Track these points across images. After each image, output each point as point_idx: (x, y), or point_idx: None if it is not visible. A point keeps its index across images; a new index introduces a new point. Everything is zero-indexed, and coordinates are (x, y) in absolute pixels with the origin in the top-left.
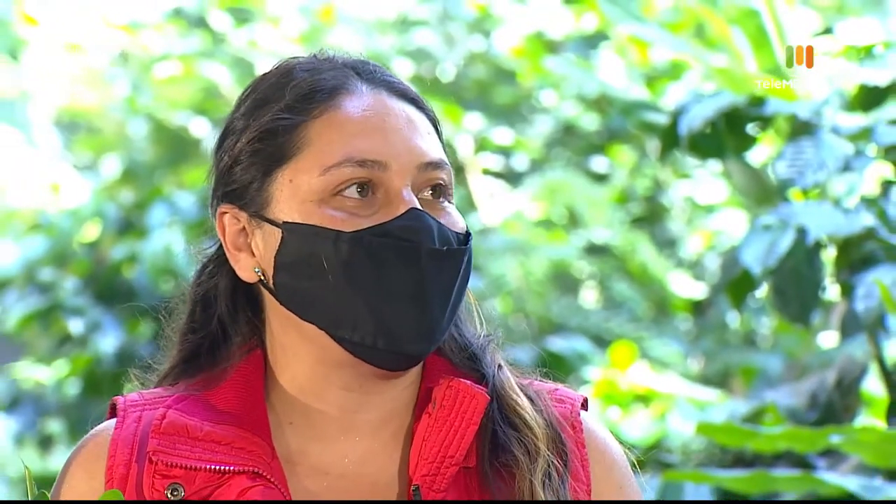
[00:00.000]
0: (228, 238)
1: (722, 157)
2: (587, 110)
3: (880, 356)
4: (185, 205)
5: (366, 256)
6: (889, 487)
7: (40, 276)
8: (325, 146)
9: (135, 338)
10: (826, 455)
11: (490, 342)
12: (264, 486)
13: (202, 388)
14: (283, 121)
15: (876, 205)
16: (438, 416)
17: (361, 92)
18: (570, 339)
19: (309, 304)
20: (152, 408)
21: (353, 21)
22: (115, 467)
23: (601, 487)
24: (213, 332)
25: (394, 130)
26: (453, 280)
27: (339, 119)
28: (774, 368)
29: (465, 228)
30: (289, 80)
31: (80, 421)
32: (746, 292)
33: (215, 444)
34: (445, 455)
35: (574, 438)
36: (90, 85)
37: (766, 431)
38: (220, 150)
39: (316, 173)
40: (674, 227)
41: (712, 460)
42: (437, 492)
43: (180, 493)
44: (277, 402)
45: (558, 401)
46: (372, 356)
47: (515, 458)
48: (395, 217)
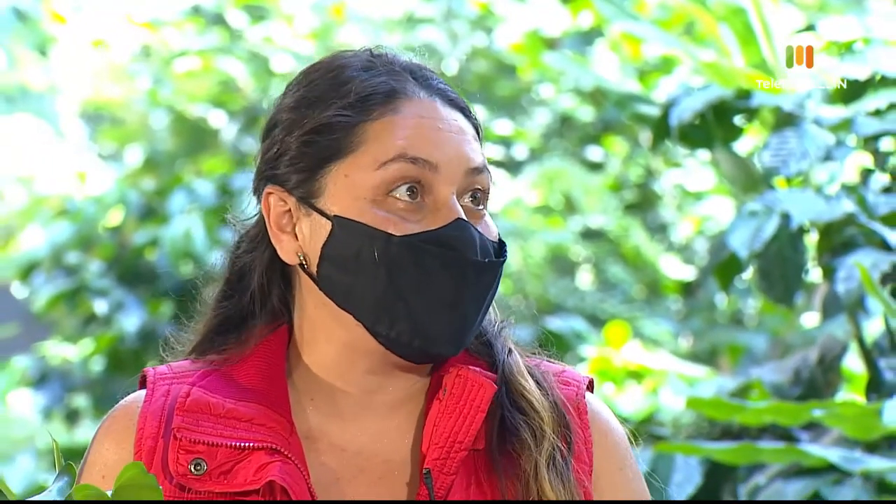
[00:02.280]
0: (273, 218)
1: (710, 147)
2: (583, 103)
3: (860, 335)
4: (204, 192)
5: (412, 260)
6: (868, 459)
7: (67, 259)
8: (381, 145)
9: (156, 318)
10: (809, 428)
11: (503, 328)
12: (282, 462)
13: (227, 363)
14: (342, 118)
15: (856, 192)
16: (448, 404)
17: (418, 98)
18: (567, 318)
19: (350, 297)
20: (180, 382)
21: (362, 19)
22: (144, 440)
23: (602, 468)
24: (245, 305)
25: (446, 136)
26: (489, 289)
27: (396, 122)
28: (760, 347)
29: (497, 236)
30: (345, 77)
31: (105, 395)
32: (733, 275)
33: (236, 421)
34: (455, 440)
35: (578, 420)
36: (114, 79)
37: (752, 406)
38: (268, 138)
39: (371, 169)
40: (665, 213)
41: (701, 433)
42: (447, 474)
43: (203, 468)
44: (300, 379)
45: (564, 383)
46: (404, 351)
47: (522, 440)
48: (443, 226)
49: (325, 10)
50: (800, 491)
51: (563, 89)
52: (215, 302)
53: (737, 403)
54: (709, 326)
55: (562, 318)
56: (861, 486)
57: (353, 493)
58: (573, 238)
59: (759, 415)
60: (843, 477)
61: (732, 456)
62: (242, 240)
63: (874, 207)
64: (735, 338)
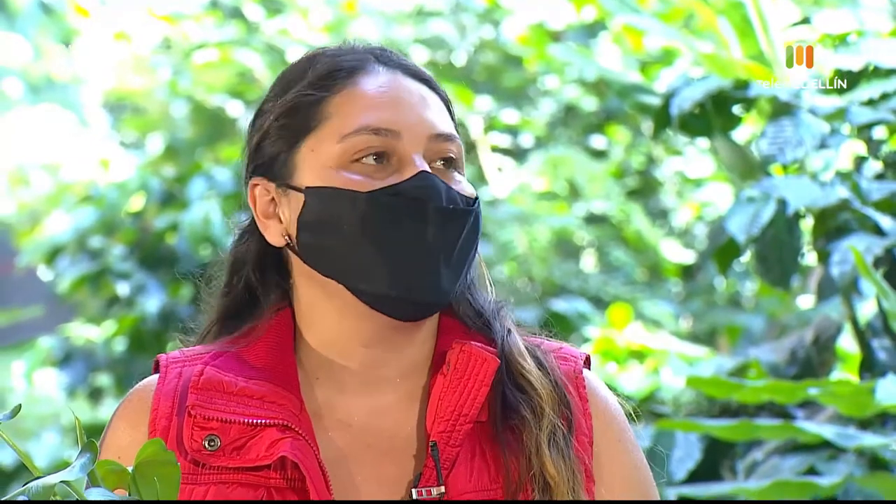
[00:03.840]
0: (259, 208)
1: (709, 136)
2: (587, 93)
3: (853, 316)
4: (222, 179)
5: (379, 214)
6: (861, 435)
7: (91, 243)
8: (343, 118)
9: (176, 300)
10: (804, 406)
11: (501, 307)
12: (293, 438)
13: (237, 345)
14: (306, 97)
15: (850, 179)
16: (452, 378)
17: (378, 72)
18: (571, 300)
19: (329, 260)
20: (192, 364)
21: (374, 12)
22: (158, 420)
23: (601, 440)
24: (248, 293)
25: (407, 104)
26: (458, 236)
27: (356, 94)
28: (757, 327)
29: (474, 194)
30: (312, 63)
31: (127, 375)
32: (732, 258)
33: (248, 399)
34: (460, 413)
35: (577, 395)
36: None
37: (749, 384)
38: (252, 129)
39: (335, 141)
40: (665, 198)
41: (701, 411)
42: (452, 446)
43: (217, 444)
44: (305, 358)
45: (563, 359)
46: (386, 306)
47: (523, 417)
48: (407, 178)
49: (339, 4)
50: (795, 466)
51: (567, 80)
52: (218, 297)
53: (735, 382)
54: (708, 308)
55: (566, 299)
56: (854, 462)
57: (360, 467)
58: (577, 223)
59: (757, 393)
60: (837, 453)
61: (731, 433)
62: (240, 237)
63: (867, 193)
64: (733, 319)
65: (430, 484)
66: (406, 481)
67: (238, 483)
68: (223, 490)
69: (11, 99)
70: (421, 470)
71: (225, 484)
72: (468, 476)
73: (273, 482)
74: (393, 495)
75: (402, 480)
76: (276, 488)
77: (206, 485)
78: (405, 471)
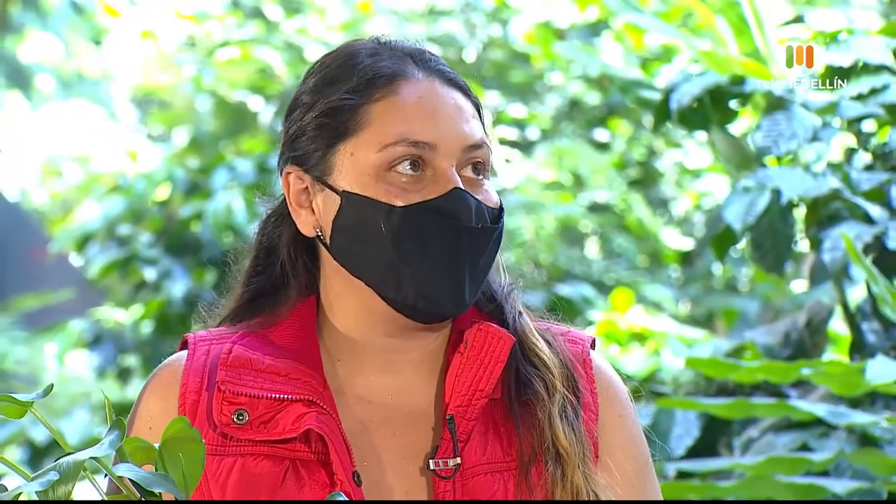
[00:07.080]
0: (292, 195)
1: (707, 129)
2: (590, 88)
3: (844, 301)
4: (244, 170)
5: (413, 228)
6: (852, 413)
7: (119, 231)
8: (383, 126)
9: (200, 284)
10: (797, 386)
11: (512, 290)
12: (318, 412)
13: (262, 327)
14: (348, 101)
15: (840, 170)
16: (469, 355)
17: (417, 79)
18: (576, 285)
19: (360, 265)
20: (219, 343)
21: (387, 12)
22: (188, 394)
23: (606, 417)
24: (276, 276)
25: (444, 116)
26: (485, 253)
27: (396, 104)
28: (752, 311)
29: (498, 203)
30: (354, 63)
31: (154, 356)
32: (728, 245)
33: (275, 376)
34: (476, 389)
35: (584, 374)
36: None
37: (745, 365)
38: (289, 119)
39: (374, 150)
40: (665, 189)
41: (699, 390)
42: (468, 420)
43: (245, 418)
44: (329, 340)
45: (571, 341)
46: (411, 313)
47: (536, 392)
48: (441, 195)
49: (355, 4)
50: (789, 443)
51: (572, 76)
52: (247, 276)
53: (732, 363)
54: (706, 292)
55: (571, 284)
56: (845, 439)
57: (380, 439)
58: (581, 211)
59: (752, 373)
60: (829, 430)
61: (728, 411)
62: (270, 217)
63: (857, 184)
64: (730, 303)
65: (446, 455)
66: (424, 453)
67: (264, 455)
68: (249, 462)
69: (44, 94)
70: (438, 443)
71: (252, 456)
72: (482, 449)
73: (299, 454)
74: (411, 466)
75: (420, 452)
76: (300, 460)
77: (234, 456)
78: (423, 443)
